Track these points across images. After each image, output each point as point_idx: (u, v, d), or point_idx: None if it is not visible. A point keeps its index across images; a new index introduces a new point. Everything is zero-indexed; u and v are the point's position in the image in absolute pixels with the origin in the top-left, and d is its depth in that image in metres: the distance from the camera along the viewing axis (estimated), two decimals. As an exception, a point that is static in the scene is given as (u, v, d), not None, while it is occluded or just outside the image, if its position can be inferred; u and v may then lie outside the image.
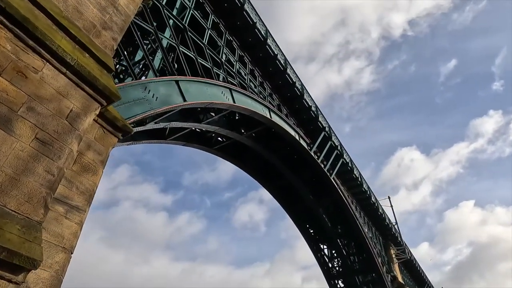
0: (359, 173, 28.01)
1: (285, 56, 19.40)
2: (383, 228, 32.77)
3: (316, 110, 22.05)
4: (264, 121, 17.57)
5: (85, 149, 6.39)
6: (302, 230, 28.04)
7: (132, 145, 14.26)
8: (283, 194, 25.54)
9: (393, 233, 33.63)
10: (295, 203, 26.20)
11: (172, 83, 10.84)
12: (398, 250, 33.62)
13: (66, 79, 6.07)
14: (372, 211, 30.65)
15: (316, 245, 28.77)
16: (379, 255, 29.77)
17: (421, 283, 42.65)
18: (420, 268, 41.81)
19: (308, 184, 24.59)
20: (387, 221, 32.67)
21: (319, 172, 23.21)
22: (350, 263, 28.61)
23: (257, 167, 23.35)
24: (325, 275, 29.04)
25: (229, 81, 14.68)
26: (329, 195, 25.02)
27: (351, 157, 26.97)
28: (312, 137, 22.65)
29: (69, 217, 5.64)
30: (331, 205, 26.54)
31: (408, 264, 38.83)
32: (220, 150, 20.27)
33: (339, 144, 24.69)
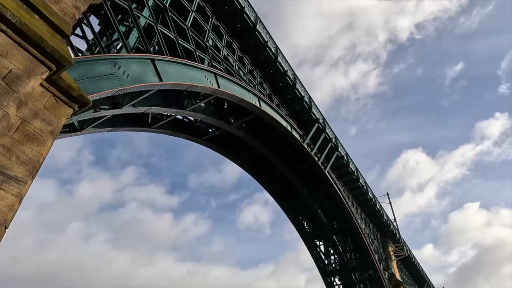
0: (356, 167, 27.34)
1: (276, 44, 18.80)
2: (381, 224, 32.08)
3: (309, 101, 21.44)
4: (253, 110, 16.98)
5: (32, 117, 5.83)
6: (297, 225, 27.39)
7: (113, 131, 13.70)
8: (277, 188, 24.92)
9: (392, 230, 32.93)
10: (290, 198, 25.58)
11: (147, 62, 10.28)
12: (397, 247, 32.92)
13: (6, 38, 5.54)
14: (369, 207, 29.97)
15: (312, 242, 28.10)
16: (376, 252, 29.08)
17: (421, 282, 41.88)
18: (419, 266, 41.05)
19: (302, 177, 23.96)
20: (385, 217, 31.99)
21: (313, 165, 22.59)
22: (347, 260, 27.93)
23: (249, 159, 22.75)
24: (321, 272, 28.37)
25: (215, 65, 14.12)
26: (323, 189, 24.39)
27: (347, 151, 26.33)
28: (306, 129, 22.03)
29: (5, 188, 5.08)
30: (326, 200, 25.90)
31: (407, 262, 38.08)
32: (209, 141, 19.67)
33: (334, 137, 24.06)
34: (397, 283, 30.12)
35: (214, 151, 20.57)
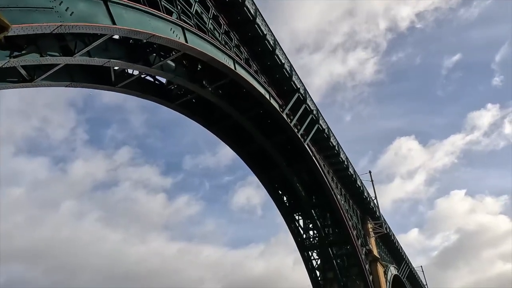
0: (337, 142, 26.87)
1: (255, 5, 17.73)
2: (361, 201, 32.03)
3: (290, 69, 20.59)
4: (228, 73, 16.12)
5: None
6: (276, 199, 27.02)
7: (71, 87, 12.69)
8: (255, 159, 24.31)
9: (372, 207, 32.97)
10: (268, 170, 25.04)
11: (99, 2, 9.27)
12: (376, 224, 33.05)
13: None
14: (349, 184, 29.76)
15: (290, 215, 27.85)
16: (354, 228, 29.09)
17: (399, 259, 42.54)
18: (398, 244, 41.60)
19: (281, 149, 23.38)
20: (366, 194, 31.91)
21: (292, 136, 22.00)
22: (325, 235, 27.86)
23: (226, 129, 21.96)
24: (299, 246, 28.30)
25: (183, 19, 13.11)
26: (303, 163, 23.92)
27: (328, 125, 25.78)
28: (286, 99, 21.28)
29: None
30: (305, 173, 25.49)
31: (386, 240, 38.48)
32: (183, 106, 18.78)
33: (315, 109, 23.39)
34: (374, 259, 30.36)
35: (189, 118, 19.71)
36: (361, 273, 26.93)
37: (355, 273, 27.82)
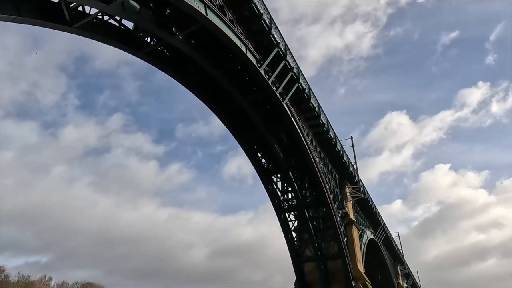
0: (318, 104, 26.18)
1: None
2: (340, 166, 31.94)
3: (269, 21, 19.31)
4: (198, 18, 14.90)
5: None
6: (254, 160, 26.60)
7: (17, 22, 11.41)
8: (233, 118, 23.54)
9: (351, 172, 33.01)
10: (246, 131, 24.38)
11: None
12: (354, 188, 33.29)
13: None
14: (329, 147, 29.43)
15: (268, 177, 27.62)
16: (331, 191, 29.17)
17: (376, 224, 43.59)
18: (376, 209, 42.44)
19: (259, 109, 22.57)
20: (345, 159, 31.78)
21: (270, 95, 21.15)
22: (302, 197, 27.85)
23: (201, 84, 20.95)
24: (276, 208, 28.32)
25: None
26: (281, 123, 23.28)
27: (310, 85, 24.91)
28: (264, 55, 20.20)
29: None
30: (284, 135, 24.98)
31: (364, 205, 39.10)
32: (152, 55, 17.57)
33: (296, 67, 22.39)
34: (349, 222, 30.82)
35: (159, 69, 18.55)
36: (335, 235, 27.26)
37: (330, 235, 28.20)
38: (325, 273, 27.99)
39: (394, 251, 53.99)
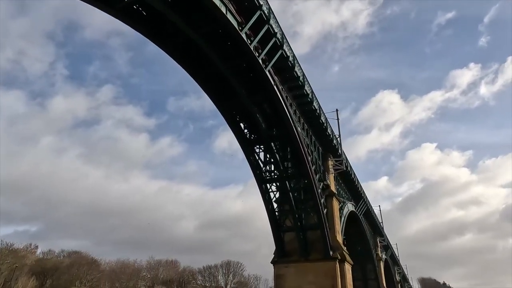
0: (303, 74, 25.48)
1: None
2: (324, 138, 31.71)
3: (252, -19, 18.22)
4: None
5: None
6: (235, 130, 26.07)
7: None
8: (213, 86, 22.75)
9: (334, 144, 32.89)
10: (228, 99, 23.68)
11: None
12: (337, 161, 33.32)
13: None
14: (313, 119, 29.05)
15: (250, 147, 27.23)
16: (314, 163, 29.08)
17: (357, 197, 44.24)
18: (358, 182, 42.92)
19: (241, 76, 21.82)
20: (329, 131, 31.53)
21: (252, 61, 20.33)
22: (283, 169, 27.69)
23: (179, 48, 19.94)
24: (257, 179, 28.15)
25: None
26: (263, 92, 22.59)
27: (294, 54, 24.09)
28: (247, 19, 19.19)
29: None
30: (267, 104, 24.36)
31: (347, 178, 39.45)
32: (125, 13, 16.45)
33: (280, 33, 21.46)
34: (330, 194, 31.02)
35: (133, 28, 17.46)
36: (315, 206, 27.39)
37: (310, 206, 28.35)
38: (304, 242, 28.40)
39: (375, 223, 55.37)
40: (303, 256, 28.24)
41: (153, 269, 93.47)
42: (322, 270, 27.13)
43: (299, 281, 27.42)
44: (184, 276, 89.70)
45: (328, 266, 27.21)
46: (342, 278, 27.08)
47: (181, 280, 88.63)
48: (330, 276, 26.72)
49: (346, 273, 27.62)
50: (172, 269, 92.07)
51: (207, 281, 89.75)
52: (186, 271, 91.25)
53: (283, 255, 29.19)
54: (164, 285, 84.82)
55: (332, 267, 27.06)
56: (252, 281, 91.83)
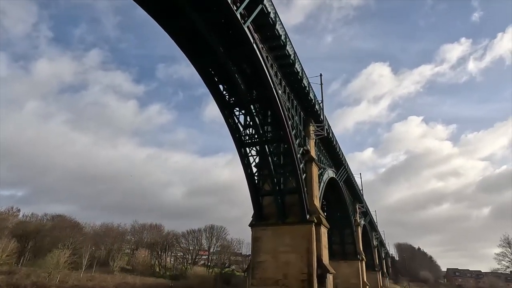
0: (285, 33, 24.29)
1: None
2: (306, 103, 31.08)
3: None
4: None
5: None
6: (213, 89, 25.07)
7: None
8: (187, 39, 21.43)
9: (316, 110, 32.35)
10: (203, 55, 22.46)
11: None
12: (318, 127, 32.94)
13: None
14: (295, 82, 28.19)
15: (228, 109, 26.43)
16: (294, 128, 28.62)
17: (338, 164, 44.50)
18: (339, 149, 42.98)
19: (217, 31, 20.52)
20: (311, 95, 30.84)
21: (230, 16, 18.99)
22: (263, 132, 27.15)
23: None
24: (236, 142, 27.61)
25: None
26: (242, 50, 21.46)
27: (277, 11, 22.75)
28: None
29: None
30: (246, 63, 23.31)
31: (328, 144, 39.34)
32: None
33: (260, -15, 20.05)
34: (310, 159, 30.88)
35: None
36: (294, 171, 27.23)
37: (289, 170, 28.21)
38: (282, 206, 28.54)
39: (354, 190, 56.41)
40: (281, 219, 28.48)
41: (137, 232, 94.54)
42: (298, 233, 27.49)
43: (275, 243, 27.80)
44: (168, 240, 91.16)
45: (305, 229, 27.56)
46: (317, 241, 27.55)
47: (165, 243, 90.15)
48: (306, 239, 27.14)
49: (322, 236, 28.09)
50: (156, 233, 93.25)
51: (191, 244, 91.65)
52: (170, 235, 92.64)
53: (261, 218, 29.37)
54: (148, 248, 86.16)
55: (308, 230, 27.43)
56: (235, 244, 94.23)
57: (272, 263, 27.20)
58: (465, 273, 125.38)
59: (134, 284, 67.06)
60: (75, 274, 65.39)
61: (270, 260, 27.39)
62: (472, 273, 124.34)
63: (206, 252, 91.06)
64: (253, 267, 28.14)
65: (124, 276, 70.74)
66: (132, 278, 70.39)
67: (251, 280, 27.65)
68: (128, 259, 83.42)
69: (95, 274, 69.27)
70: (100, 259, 77.56)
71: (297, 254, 26.74)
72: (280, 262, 27.00)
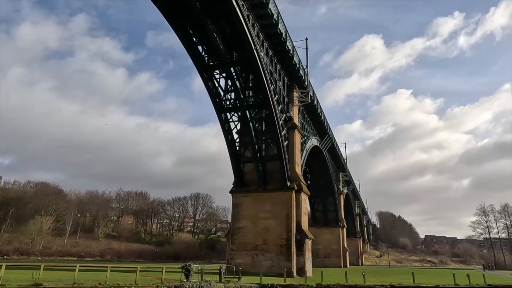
0: (268, -10, 22.75)
1: None
2: (290, 67, 29.97)
3: None
4: None
5: None
6: (191, 51, 23.80)
7: None
8: None
9: (301, 75, 31.33)
10: (181, 14, 21.00)
11: None
12: (302, 93, 32.08)
13: None
14: (279, 44, 26.93)
15: (208, 72, 25.26)
16: (276, 93, 27.71)
17: (323, 132, 44.12)
18: (324, 117, 42.44)
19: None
20: (296, 60, 29.70)
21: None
22: (244, 97, 26.22)
23: None
24: (216, 107, 26.66)
25: None
26: (221, 8, 20.07)
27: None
28: None
29: None
30: (226, 24, 21.93)
31: (313, 112, 38.69)
32: None
33: None
34: (292, 126, 30.27)
35: None
36: (276, 138, 26.66)
37: (270, 137, 27.63)
38: (263, 173, 28.22)
39: (338, 159, 56.63)
40: (261, 186, 28.25)
41: (122, 200, 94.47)
42: (278, 200, 27.41)
43: (255, 210, 27.74)
44: (154, 207, 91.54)
45: (285, 196, 27.46)
46: (297, 207, 27.56)
47: (150, 210, 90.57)
48: (286, 205, 27.11)
49: (302, 202, 28.08)
50: (142, 201, 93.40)
51: (177, 211, 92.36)
52: (155, 202, 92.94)
53: (242, 185, 29.10)
54: (134, 215, 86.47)
55: (289, 197, 27.34)
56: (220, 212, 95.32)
57: (252, 229, 27.25)
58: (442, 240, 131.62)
59: (119, 249, 67.70)
60: (59, 240, 65.46)
61: (250, 226, 27.42)
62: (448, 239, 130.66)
63: (192, 219, 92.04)
64: (232, 233, 28.18)
65: (109, 242, 71.21)
66: (117, 244, 70.99)
67: (231, 245, 27.77)
68: (114, 225, 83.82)
69: (80, 240, 69.53)
70: (85, 226, 77.61)
71: (276, 220, 26.77)
72: (259, 228, 27.05)
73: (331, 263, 51.45)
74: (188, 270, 15.53)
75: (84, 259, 58.65)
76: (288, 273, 24.31)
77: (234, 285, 16.81)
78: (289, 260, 25.42)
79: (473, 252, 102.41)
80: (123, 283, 13.94)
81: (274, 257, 25.90)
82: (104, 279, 13.93)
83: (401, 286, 19.17)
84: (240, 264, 26.20)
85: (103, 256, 63.74)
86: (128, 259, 60.85)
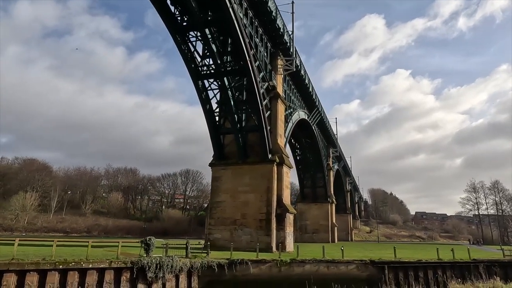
0: None
1: None
2: (273, 31, 27.81)
3: None
4: None
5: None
6: (161, 9, 21.66)
7: None
8: None
9: (285, 41, 29.25)
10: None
11: None
12: (287, 61, 30.10)
13: None
14: (260, 4, 24.72)
15: (181, 34, 23.19)
16: (257, 59, 25.77)
17: (311, 105, 42.39)
18: (312, 89, 40.60)
19: None
20: (280, 23, 27.54)
21: None
22: (221, 63, 24.28)
23: None
24: (192, 73, 24.75)
25: None
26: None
27: None
28: None
29: None
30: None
31: (300, 83, 36.82)
32: None
33: None
34: (275, 95, 28.51)
35: None
36: (256, 107, 24.97)
37: (251, 107, 25.94)
38: (244, 145, 26.73)
39: (328, 134, 55.19)
40: (241, 158, 26.82)
41: (111, 176, 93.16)
42: (258, 173, 26.06)
43: (235, 183, 26.42)
44: (144, 183, 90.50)
45: (265, 168, 26.09)
46: (278, 180, 26.26)
47: (140, 186, 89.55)
48: (266, 178, 25.79)
49: (284, 176, 26.76)
50: (131, 177, 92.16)
51: (167, 188, 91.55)
52: (145, 179, 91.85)
53: (222, 157, 27.66)
54: (123, 191, 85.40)
55: (269, 170, 25.98)
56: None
57: (231, 203, 26.04)
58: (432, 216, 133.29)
59: (107, 225, 66.91)
60: (44, 216, 64.42)
61: (229, 200, 26.19)
62: (438, 216, 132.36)
63: (182, 196, 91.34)
64: (211, 207, 26.99)
65: (96, 218, 70.34)
66: (105, 220, 70.15)
67: (209, 220, 26.64)
68: (103, 201, 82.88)
69: (66, 216, 68.54)
70: (74, 202, 76.51)
71: (256, 194, 25.52)
72: (238, 202, 25.83)
73: (319, 238, 51.04)
74: (148, 244, 14.25)
75: (70, 235, 57.77)
76: (267, 248, 23.34)
77: (201, 260, 15.60)
78: (269, 235, 24.36)
79: (461, 228, 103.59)
80: (71, 258, 12.60)
81: (253, 232, 24.82)
82: (50, 253, 12.59)
83: (381, 261, 18.15)
84: (219, 239, 25.21)
85: (89, 232, 62.98)
86: (115, 235, 60.10)
